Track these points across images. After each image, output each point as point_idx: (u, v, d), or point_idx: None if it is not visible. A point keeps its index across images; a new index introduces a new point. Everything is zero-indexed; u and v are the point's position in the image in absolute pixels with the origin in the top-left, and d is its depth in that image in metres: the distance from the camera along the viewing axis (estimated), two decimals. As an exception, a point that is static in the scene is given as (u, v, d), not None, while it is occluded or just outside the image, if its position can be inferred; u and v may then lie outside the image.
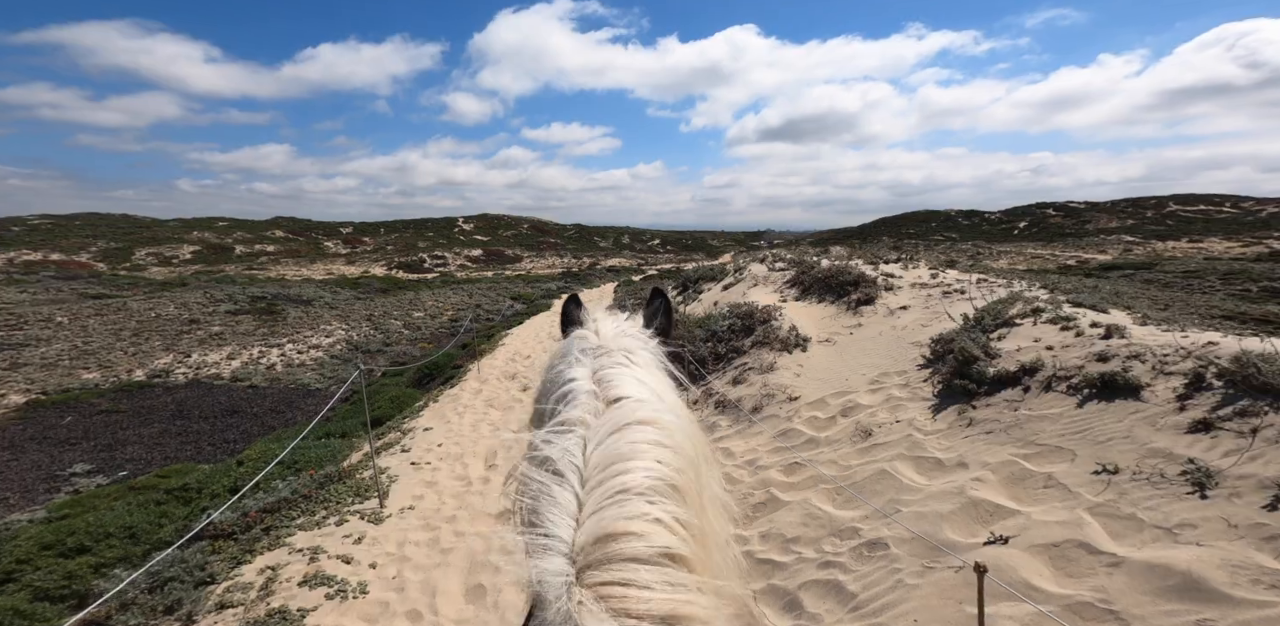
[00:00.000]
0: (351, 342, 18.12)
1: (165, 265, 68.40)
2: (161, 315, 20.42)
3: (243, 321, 20.55)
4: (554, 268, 75.35)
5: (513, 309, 24.83)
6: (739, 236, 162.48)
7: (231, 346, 16.79)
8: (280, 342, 17.36)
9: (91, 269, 60.89)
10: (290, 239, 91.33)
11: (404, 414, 7.70)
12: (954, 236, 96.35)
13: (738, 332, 6.05)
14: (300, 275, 60.25)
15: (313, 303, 25.93)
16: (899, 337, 5.02)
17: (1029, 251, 65.70)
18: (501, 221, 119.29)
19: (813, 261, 7.52)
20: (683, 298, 9.77)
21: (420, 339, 19.20)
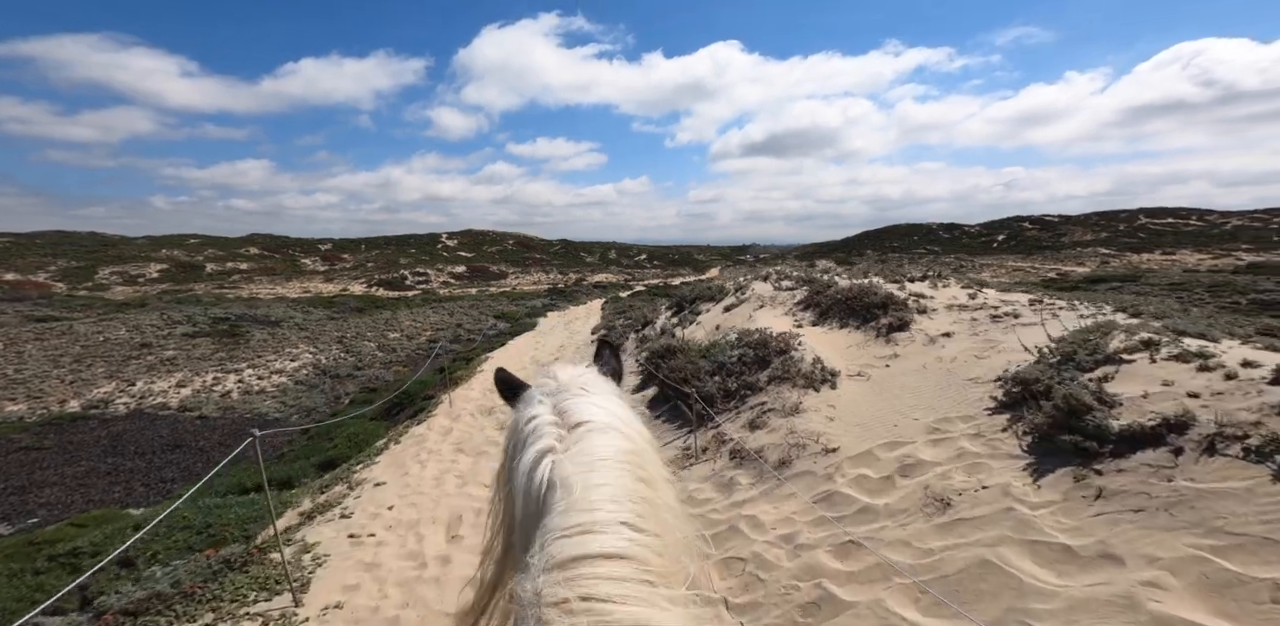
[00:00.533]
0: (319, 367, 16.80)
1: (130, 284, 65.56)
2: (110, 339, 18.85)
3: (201, 345, 19.07)
4: (540, 284, 74.22)
5: (495, 328, 23.70)
6: (724, 251, 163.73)
7: (184, 372, 15.36)
8: (239, 368, 15.98)
9: (48, 289, 58.02)
10: (265, 256, 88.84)
11: (359, 458, 6.59)
12: (936, 249, 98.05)
13: (750, 365, 5.16)
14: (274, 294, 58.16)
15: (281, 323, 24.47)
16: (949, 372, 4.18)
17: (1009, 264, 66.80)
18: (486, 237, 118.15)
19: (827, 280, 6.71)
20: (678, 319, 8.88)
21: (395, 362, 17.96)
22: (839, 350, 5.15)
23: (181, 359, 17.00)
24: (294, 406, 13.40)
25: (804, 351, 4.97)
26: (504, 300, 34.83)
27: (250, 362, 16.38)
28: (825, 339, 5.44)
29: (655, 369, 6.68)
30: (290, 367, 16.47)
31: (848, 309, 5.70)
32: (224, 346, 19.27)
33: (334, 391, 14.57)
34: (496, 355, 14.52)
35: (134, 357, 16.83)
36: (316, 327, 22.97)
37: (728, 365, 5.30)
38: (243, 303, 32.06)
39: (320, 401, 13.73)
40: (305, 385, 15.20)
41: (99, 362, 16.10)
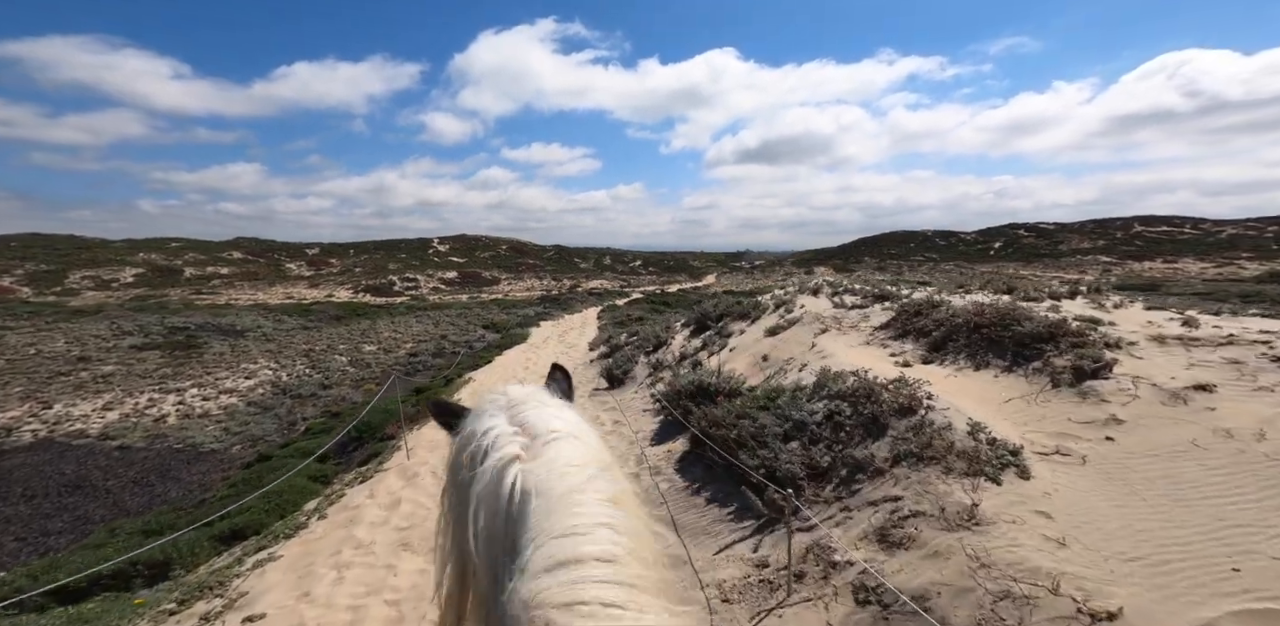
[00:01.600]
0: (279, 385, 14.72)
1: (103, 289, 62.60)
2: (43, 352, 16.66)
3: (147, 359, 16.90)
4: (533, 290, 72.17)
5: (484, 340, 21.69)
6: (719, 257, 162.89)
7: (115, 392, 13.23)
8: (182, 386, 13.87)
9: (12, 294, 55.10)
10: (249, 261, 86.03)
11: (266, 535, 4.62)
12: (934, 257, 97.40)
13: (850, 428, 3.32)
14: (254, 300, 55.62)
15: (246, 334, 22.30)
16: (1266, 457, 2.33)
17: (1009, 272, 65.97)
18: (479, 242, 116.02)
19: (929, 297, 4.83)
20: (701, 342, 7.03)
21: (367, 380, 15.91)
22: (992, 407, 3.32)
23: (120, 375, 14.85)
24: (239, 434, 11.34)
25: (946, 412, 3.11)
26: (494, 308, 32.82)
27: (197, 381, 14.27)
28: (958, 386, 3.61)
29: (684, 414, 4.80)
30: (244, 386, 14.37)
31: (983, 341, 3.87)
32: (174, 360, 17.11)
33: (290, 416, 12.52)
34: (480, 375, 12.57)
35: (64, 374, 14.66)
36: (285, 339, 20.85)
37: (810, 426, 3.44)
38: (209, 310, 29.76)
39: (271, 428, 11.67)
40: (258, 407, 13.12)
41: (19, 380, 13.93)
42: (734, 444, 3.78)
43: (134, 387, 13.70)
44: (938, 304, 4.43)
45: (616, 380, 7.83)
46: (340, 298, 61.09)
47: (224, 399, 13.47)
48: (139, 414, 12.18)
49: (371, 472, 5.76)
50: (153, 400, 12.82)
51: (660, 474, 4.71)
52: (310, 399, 13.97)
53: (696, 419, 4.76)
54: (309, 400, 13.89)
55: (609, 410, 6.88)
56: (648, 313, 29.77)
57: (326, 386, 15.16)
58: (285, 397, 13.92)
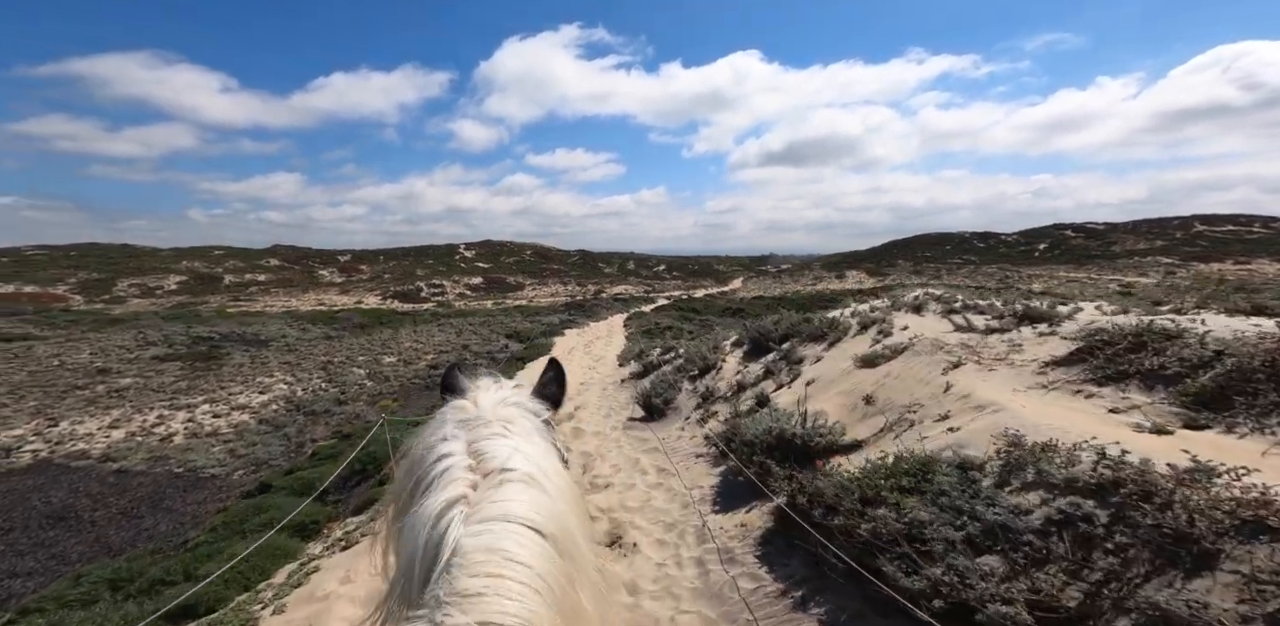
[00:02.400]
0: (293, 401, 14.00)
1: (148, 296, 65.09)
2: (66, 363, 16.48)
3: (166, 371, 16.52)
4: (557, 296, 71.71)
5: (506, 351, 20.76)
6: (744, 261, 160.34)
7: (125, 408, 12.68)
8: (194, 402, 13.26)
9: (65, 301, 57.66)
10: (285, 268, 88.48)
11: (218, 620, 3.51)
12: (973, 259, 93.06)
13: (1119, 548, 1.94)
14: (287, 306, 56.74)
15: (269, 343, 21.95)
16: None
17: (1061, 274, 61.88)
18: (504, 248, 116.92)
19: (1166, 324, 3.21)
20: (763, 368, 5.66)
21: (384, 395, 15.07)
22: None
23: (135, 390, 14.39)
24: (243, 457, 10.51)
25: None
26: (518, 316, 32.04)
27: (210, 396, 13.65)
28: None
29: (760, 474, 3.50)
30: (257, 402, 13.68)
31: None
32: (192, 373, 16.68)
33: (300, 436, 11.69)
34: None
35: (80, 388, 14.29)
36: (305, 349, 20.35)
37: (1025, 536, 2.10)
38: (239, 319, 29.84)
39: (278, 451, 10.83)
40: (269, 425, 12.36)
41: (35, 394, 13.59)
42: (863, 541, 2.46)
43: (145, 403, 13.15)
44: (1174, 333, 2.98)
45: (656, 410, 6.55)
46: (369, 304, 61.79)
47: (235, 416, 12.78)
48: (145, 432, 11.53)
49: (356, 536, 4.63)
50: (162, 417, 12.19)
51: (736, 561, 3.41)
52: (323, 416, 13.17)
53: (779, 481, 3.44)
54: (322, 417, 13.08)
55: (650, 451, 5.61)
56: (676, 321, 28.45)
57: (342, 402, 14.37)
58: (298, 415, 13.15)
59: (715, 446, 4.79)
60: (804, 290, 69.54)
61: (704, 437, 5.24)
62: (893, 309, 5.45)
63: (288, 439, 11.49)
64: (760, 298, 46.87)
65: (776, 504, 3.37)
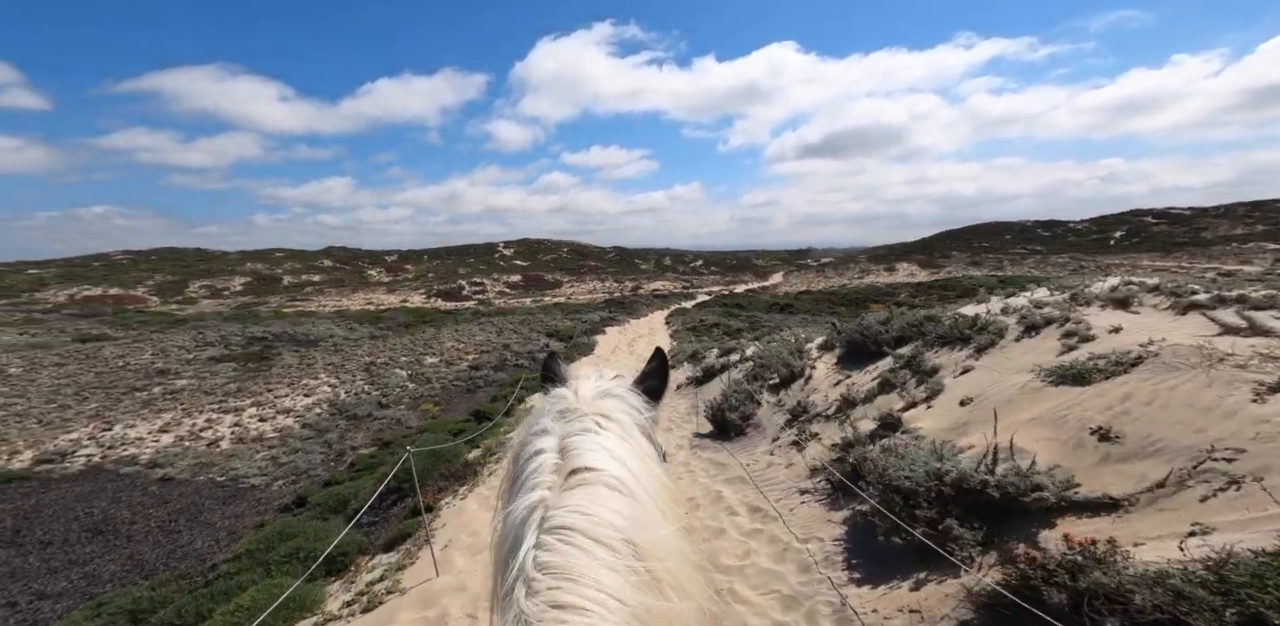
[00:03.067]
0: (336, 404, 13.75)
1: (216, 297, 69.38)
2: (130, 364, 17.04)
3: (220, 372, 16.78)
4: (595, 293, 71.43)
5: (547, 350, 20.15)
6: (783, 255, 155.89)
7: (175, 412, 12.71)
8: (242, 405, 13.19)
9: (143, 302, 62.16)
10: (337, 268, 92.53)
11: None
12: (1038, 249, 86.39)
13: None
14: (339, 306, 59.04)
15: (318, 343, 22.22)
16: None
17: (1145, 263, 56.03)
18: (542, 246, 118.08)
19: None
20: (878, 380, 4.41)
21: (426, 397, 14.65)
22: None
23: (189, 391, 14.56)
24: (285, 465, 10.17)
25: None
26: (558, 313, 31.54)
27: (257, 398, 13.58)
28: None
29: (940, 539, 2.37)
30: (302, 405, 13.50)
31: None
32: (245, 373, 16.87)
33: (340, 443, 11.31)
34: (543, 401, 10.70)
35: (138, 389, 14.59)
36: (351, 349, 20.41)
37: None
38: (292, 319, 30.71)
39: (318, 460, 10.45)
40: (312, 430, 12.09)
41: (97, 395, 13.94)
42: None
43: (197, 406, 13.19)
44: None
45: (731, 427, 5.48)
46: (414, 303, 63.47)
47: (280, 420, 12.59)
48: (194, 437, 11.44)
49: (381, 592, 3.80)
50: (210, 422, 12.12)
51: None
52: (365, 420, 12.81)
53: (966, 544, 2.32)
54: (364, 422, 12.72)
55: (733, 482, 4.54)
56: (722, 317, 27.14)
57: (384, 405, 14.02)
58: (340, 419, 12.85)
59: (830, 481, 3.66)
60: (851, 284, 66.22)
61: (808, 468, 4.11)
62: (1074, 303, 4.09)
63: (328, 446, 11.12)
64: (806, 292, 44.62)
65: (984, 585, 2.22)
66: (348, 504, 7.93)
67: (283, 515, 8.49)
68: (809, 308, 29.40)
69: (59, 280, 67.35)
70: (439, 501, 5.62)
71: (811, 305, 30.26)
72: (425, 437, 10.57)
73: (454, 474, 6.39)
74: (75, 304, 56.64)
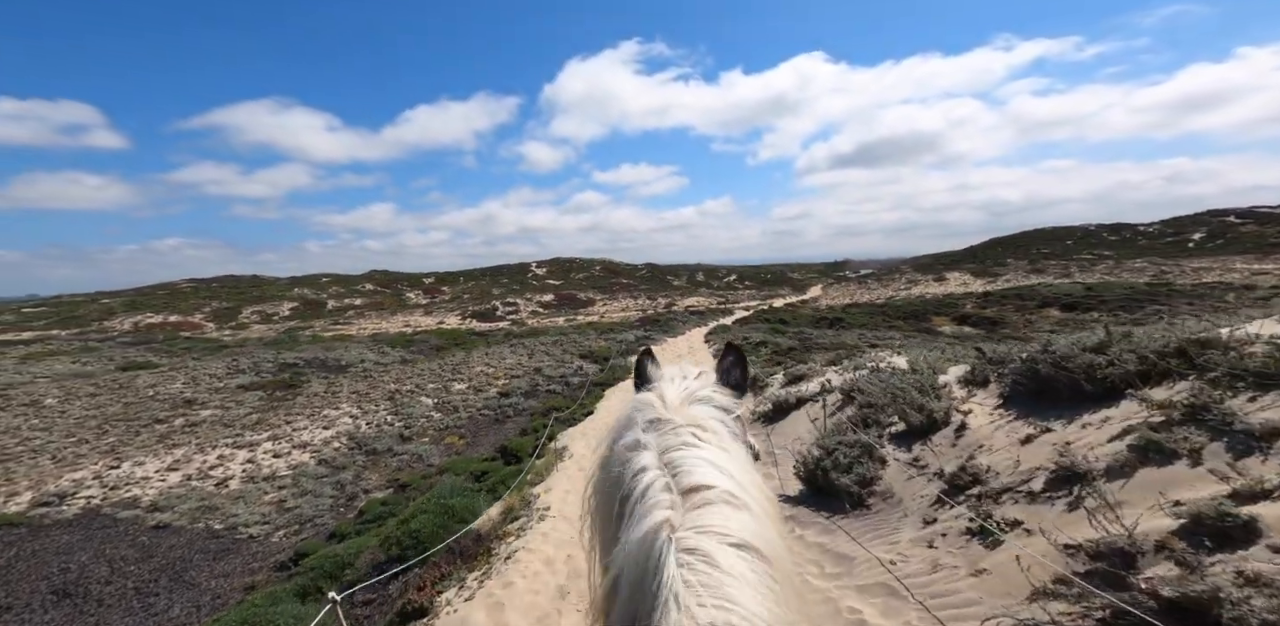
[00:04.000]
0: (355, 437, 12.70)
1: (266, 322, 72.19)
2: (159, 394, 16.71)
3: (245, 401, 16.18)
4: (628, 310, 70.31)
5: (581, 374, 18.78)
6: (818, 267, 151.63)
7: (189, 446, 11.91)
8: (258, 440, 12.30)
9: (200, 328, 65.25)
10: (377, 291, 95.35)
11: None
12: (1107, 254, 79.98)
13: None
14: (378, 329, 60.12)
15: (349, 369, 21.63)
16: None
17: (1240, 267, 50.28)
18: (573, 264, 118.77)
19: None
20: (1125, 447, 2.69)
21: (451, 429, 13.46)
22: None
23: (209, 423, 13.87)
24: (291, 512, 9.02)
25: None
26: (591, 333, 30.30)
27: (274, 432, 12.68)
28: None
29: None
30: (320, 438, 12.50)
31: None
32: (271, 402, 16.20)
33: (355, 484, 10.12)
34: (579, 441, 9.22)
35: (161, 421, 14.03)
36: (380, 375, 19.65)
37: None
38: (326, 343, 30.65)
39: (325, 505, 9.26)
40: (328, 466, 11.00)
41: (118, 428, 13.42)
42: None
43: (212, 439, 12.38)
44: None
45: (844, 494, 3.81)
46: (449, 324, 63.99)
47: (296, 455, 11.59)
48: (203, 475, 10.52)
49: None
50: (222, 458, 11.21)
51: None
52: (385, 456, 11.64)
53: None
54: (383, 458, 11.56)
55: (871, 591, 2.89)
56: (767, 334, 25.18)
57: (405, 438, 12.88)
58: (359, 454, 11.74)
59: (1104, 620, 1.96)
60: (899, 295, 62.47)
61: (1032, 586, 2.41)
62: None
63: (341, 488, 9.94)
64: (854, 305, 41.83)
65: None
66: (345, 569, 6.59)
67: (277, 574, 7.25)
68: (863, 322, 27.05)
69: (125, 309, 71.77)
70: (438, 597, 4.16)
71: (865, 319, 27.89)
72: (444, 480, 9.24)
73: (463, 551, 4.93)
74: (139, 331, 59.86)
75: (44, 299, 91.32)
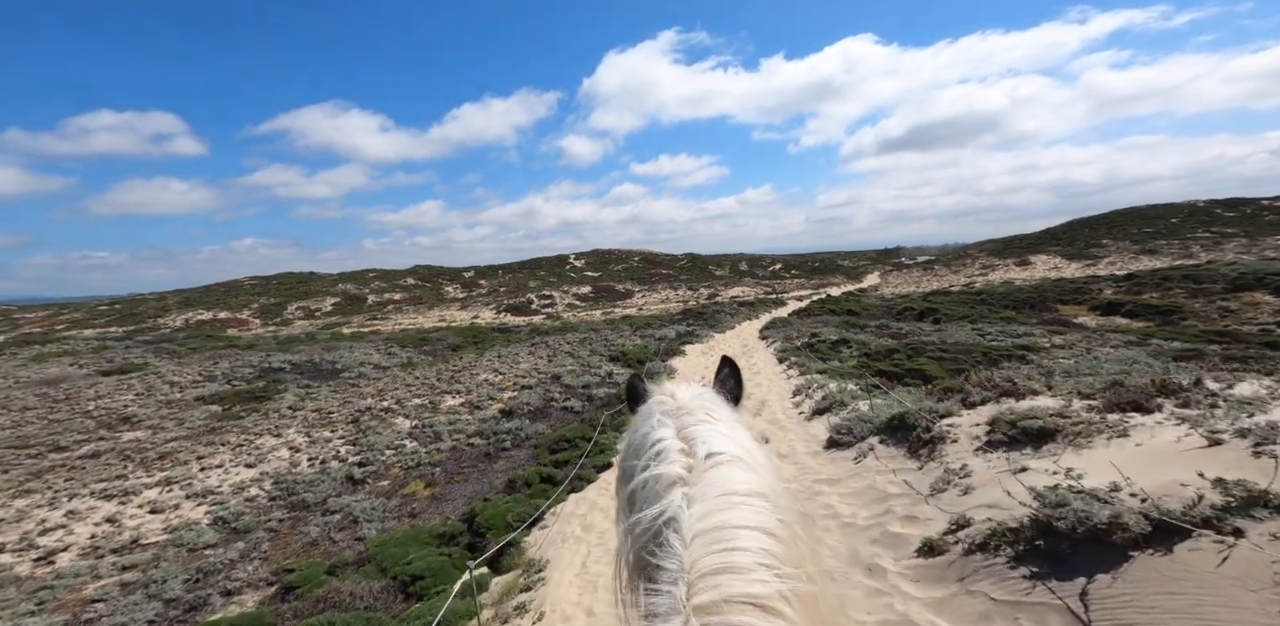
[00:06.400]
0: (284, 480, 9.01)
1: (309, 317, 72.76)
2: (98, 408, 13.92)
3: (192, 418, 13.03)
4: (668, 302, 65.80)
5: (610, 381, 14.59)
6: (869, 255, 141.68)
7: (48, 493, 8.53)
8: (148, 482, 8.81)
9: (246, 325, 66.29)
10: (418, 286, 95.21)
11: None
12: (1230, 231, 68.08)
13: None
14: (414, 323, 58.74)
15: (342, 373, 18.34)
16: None
17: None
18: (612, 256, 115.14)
19: None
20: None
21: (423, 468, 9.56)
22: None
23: (107, 456, 10.63)
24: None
25: None
26: (626, 329, 26.04)
27: (172, 474, 9.14)
28: None
29: None
30: (232, 483, 8.88)
31: None
32: (220, 420, 12.94)
33: (221, 577, 6.28)
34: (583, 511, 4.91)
35: (61, 449, 11.01)
36: (370, 384, 16.17)
37: None
38: (324, 344, 27.91)
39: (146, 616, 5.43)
40: (224, 529, 7.33)
41: (5, 457, 10.35)
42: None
43: (86, 482, 9.01)
44: None
45: None
46: (484, 318, 61.80)
47: (186, 509, 7.99)
48: (24, 546, 7.01)
49: None
50: (72, 515, 7.73)
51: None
52: (313, 512, 7.85)
53: None
54: (309, 516, 7.76)
55: None
56: (842, 330, 20.09)
57: (357, 481, 9.08)
58: (279, 507, 8.01)
59: None
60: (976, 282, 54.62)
61: None
62: None
63: (196, 581, 6.11)
64: (939, 294, 35.40)
65: None
66: None
67: None
68: (964, 313, 21.36)
69: (179, 306, 74.16)
70: None
71: (966, 310, 22.14)
72: (344, 591, 5.26)
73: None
74: (189, 328, 61.11)
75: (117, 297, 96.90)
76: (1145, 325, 16.27)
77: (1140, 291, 20.55)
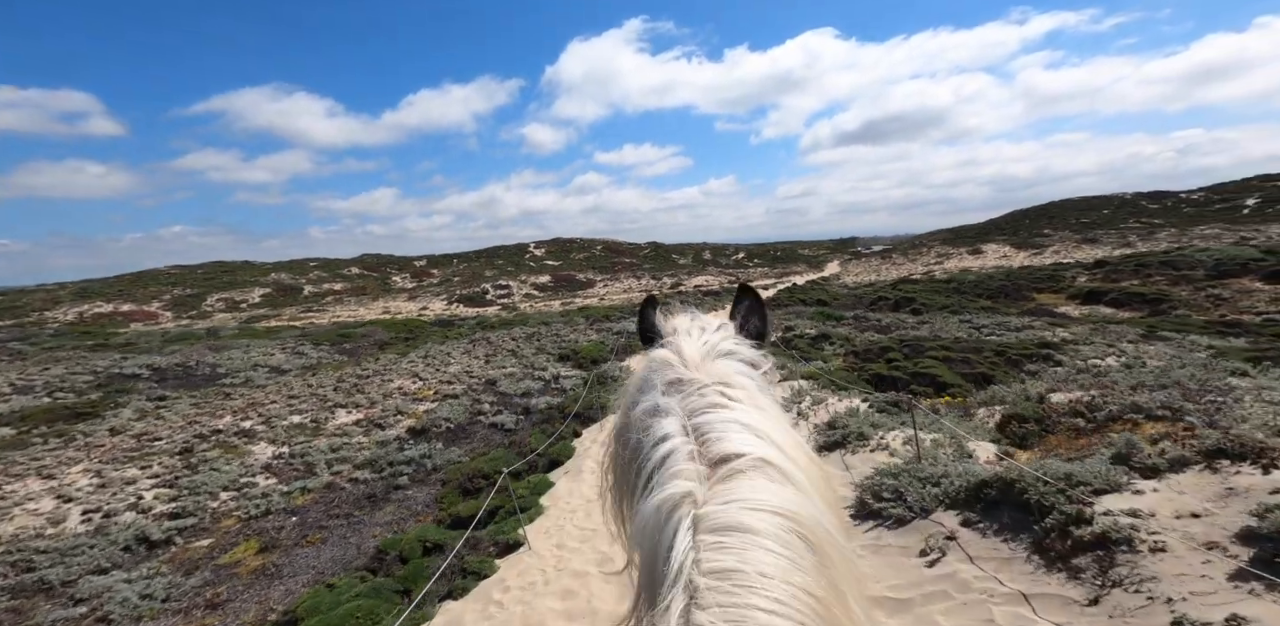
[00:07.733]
0: (26, 549, 5.85)
1: (233, 310, 65.50)
2: None
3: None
4: (630, 291, 63.17)
5: (556, 385, 11.87)
6: (828, 244, 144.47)
7: None
8: None
9: (156, 318, 58.84)
10: (363, 275, 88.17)
11: None
12: (1157, 222, 71.90)
13: None
14: (354, 316, 53.52)
15: (222, 379, 14.74)
16: None
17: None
18: (574, 244, 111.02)
19: None
20: None
21: (270, 518, 6.62)
22: None
23: None
24: None
25: None
26: (582, 321, 23.25)
27: None
28: None
29: None
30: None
31: None
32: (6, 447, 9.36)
33: None
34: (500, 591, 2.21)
35: None
36: (251, 391, 12.76)
37: None
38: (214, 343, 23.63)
39: None
40: None
41: None
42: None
43: None
44: None
45: None
46: (433, 310, 57.24)
47: None
48: None
49: None
50: None
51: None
52: (55, 597, 4.82)
53: None
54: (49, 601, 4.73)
55: None
56: (820, 323, 18.06)
57: (153, 542, 6.09)
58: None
59: None
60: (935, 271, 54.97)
61: None
62: None
63: None
64: (907, 282, 34.45)
65: None
66: None
67: None
68: (942, 303, 19.81)
69: (74, 297, 65.15)
70: None
71: (942, 299, 20.62)
72: None
73: None
74: (84, 322, 53.44)
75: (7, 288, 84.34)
76: (1134, 315, 15.10)
77: (1117, 279, 19.65)
